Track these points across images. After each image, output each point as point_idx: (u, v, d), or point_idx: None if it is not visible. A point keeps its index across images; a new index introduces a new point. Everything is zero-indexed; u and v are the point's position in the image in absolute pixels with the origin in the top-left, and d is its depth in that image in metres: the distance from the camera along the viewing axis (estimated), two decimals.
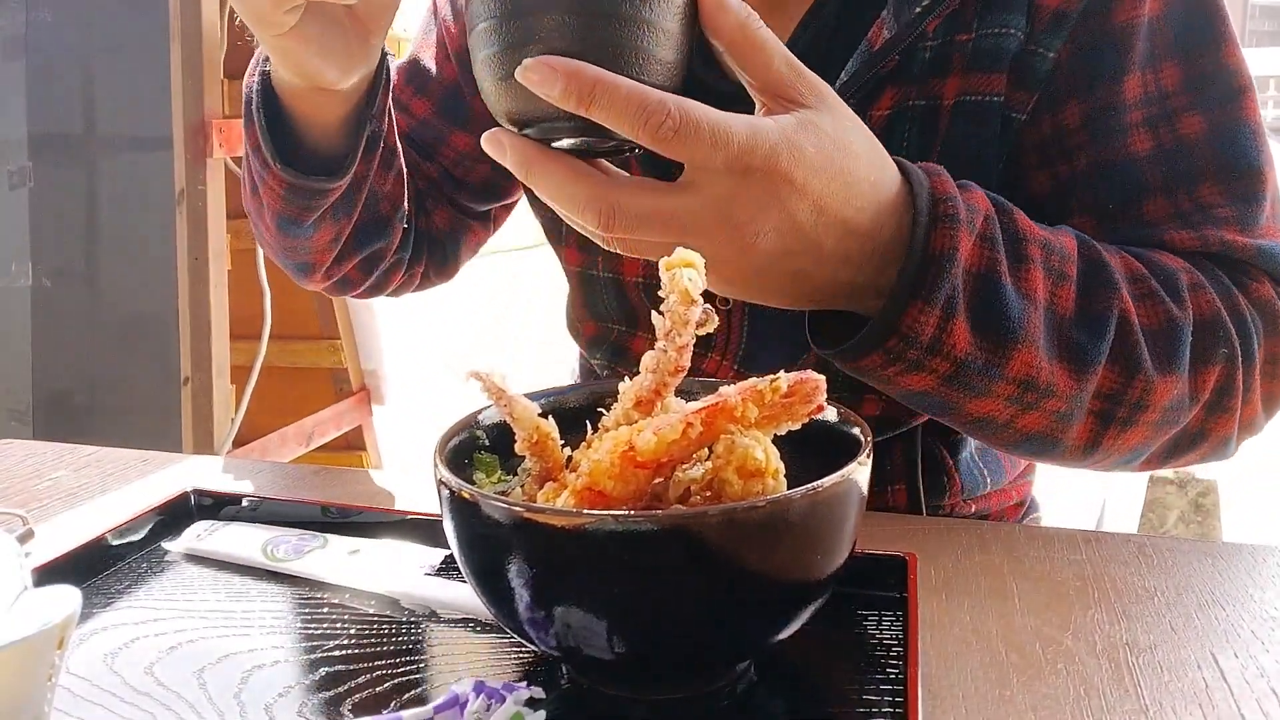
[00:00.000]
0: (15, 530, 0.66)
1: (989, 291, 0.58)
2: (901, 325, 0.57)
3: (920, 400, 0.62)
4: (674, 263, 0.45)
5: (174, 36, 2.06)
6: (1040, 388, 0.60)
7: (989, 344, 0.59)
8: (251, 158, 0.76)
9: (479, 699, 0.43)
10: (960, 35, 0.69)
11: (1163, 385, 0.63)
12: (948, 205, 0.57)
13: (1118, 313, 0.62)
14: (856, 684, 0.48)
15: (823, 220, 0.54)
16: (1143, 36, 0.68)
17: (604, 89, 0.49)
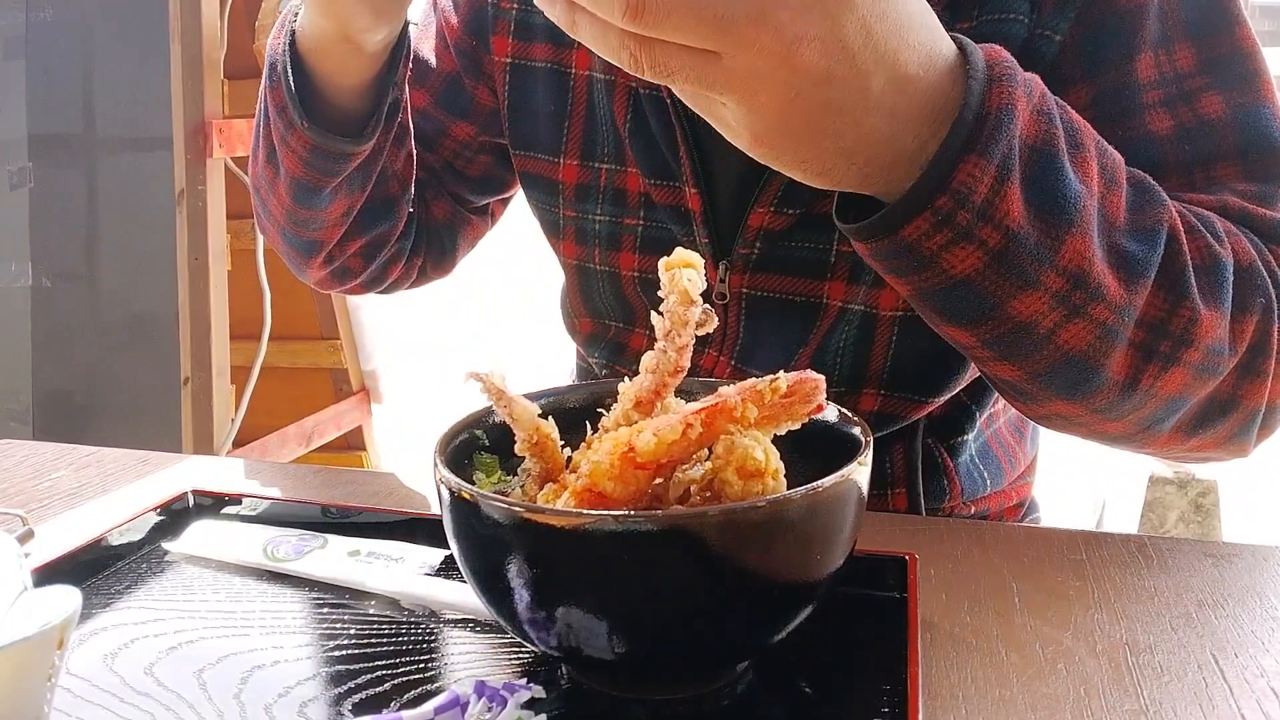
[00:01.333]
0: (15, 530, 0.66)
1: (1045, 165, 0.54)
2: (954, 181, 0.52)
3: (957, 295, 0.56)
4: (673, 263, 0.45)
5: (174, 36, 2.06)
6: (1090, 286, 0.56)
7: (1043, 222, 0.54)
8: (275, 120, 0.77)
9: (480, 701, 0.43)
10: (961, 24, 0.69)
11: (1207, 318, 0.59)
12: (1005, 67, 0.53)
13: (1167, 228, 0.59)
14: (856, 684, 0.48)
15: (871, 45, 0.49)
16: (1152, 17, 0.68)
17: None
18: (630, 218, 0.80)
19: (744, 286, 0.77)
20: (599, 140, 0.81)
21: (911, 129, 0.52)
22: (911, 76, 0.51)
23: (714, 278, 0.77)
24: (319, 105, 0.76)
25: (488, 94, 0.88)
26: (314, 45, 0.73)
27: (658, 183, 0.78)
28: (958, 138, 0.52)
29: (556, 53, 0.83)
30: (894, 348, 0.76)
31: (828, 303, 0.76)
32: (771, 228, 0.74)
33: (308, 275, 0.89)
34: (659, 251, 0.52)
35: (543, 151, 0.84)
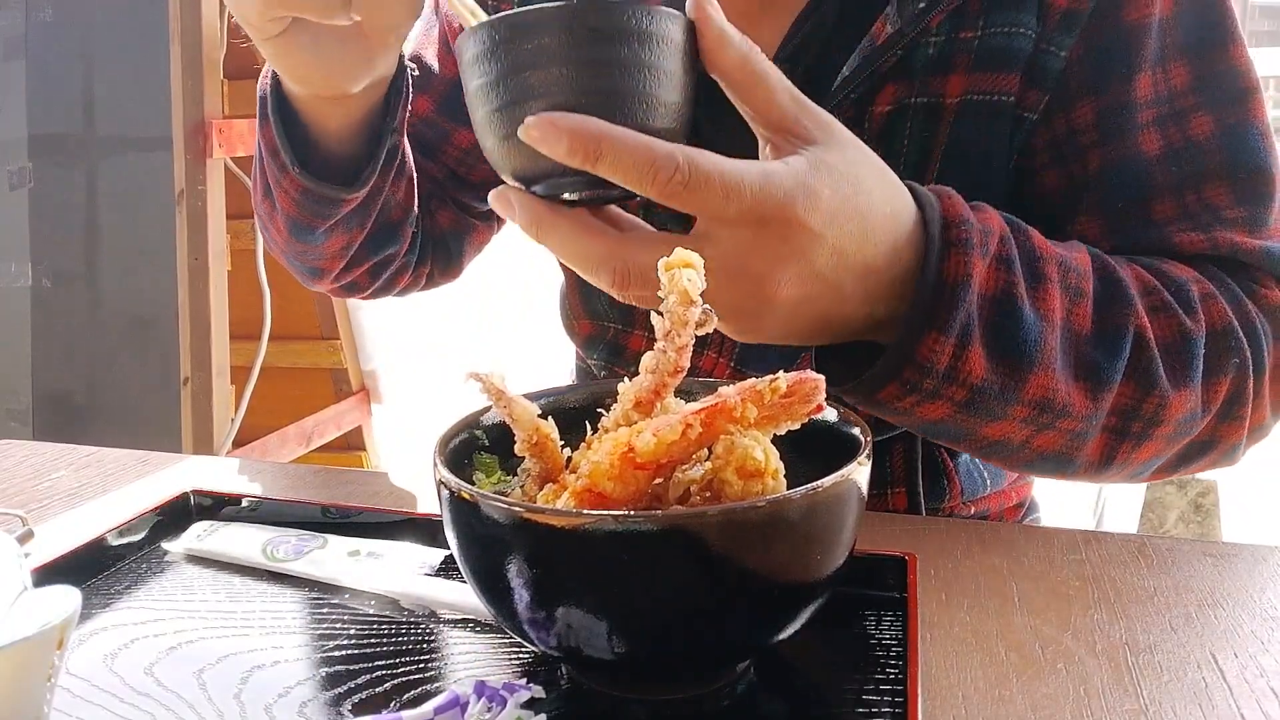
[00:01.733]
0: (15, 530, 0.66)
1: (1005, 315, 0.58)
2: (917, 355, 0.57)
3: (935, 428, 0.62)
4: (673, 263, 0.45)
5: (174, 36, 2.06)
6: (1057, 408, 0.60)
7: (1005, 368, 0.58)
8: (267, 160, 0.74)
9: (480, 702, 0.43)
10: (965, 32, 0.69)
11: (1177, 400, 0.62)
12: (960, 230, 0.57)
13: (1133, 329, 0.61)
14: (856, 684, 0.48)
15: (842, 263, 0.53)
16: (1153, 35, 0.68)
17: (610, 145, 0.48)
18: None
19: None
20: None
21: (883, 303, 0.57)
22: (881, 267, 0.55)
23: None
24: (311, 146, 0.73)
25: None
26: (292, 94, 0.70)
27: None
28: (918, 314, 0.56)
29: None
30: None
31: None
32: None
33: (317, 289, 0.90)
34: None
35: None
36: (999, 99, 0.70)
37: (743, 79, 0.52)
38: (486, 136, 0.54)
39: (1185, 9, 0.69)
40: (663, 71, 0.51)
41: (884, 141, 0.72)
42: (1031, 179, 0.73)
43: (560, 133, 0.48)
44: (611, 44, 0.50)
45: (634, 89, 0.50)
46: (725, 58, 0.52)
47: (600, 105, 0.50)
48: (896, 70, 0.70)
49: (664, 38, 0.51)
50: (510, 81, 0.51)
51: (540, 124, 0.49)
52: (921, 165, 0.72)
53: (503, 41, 0.51)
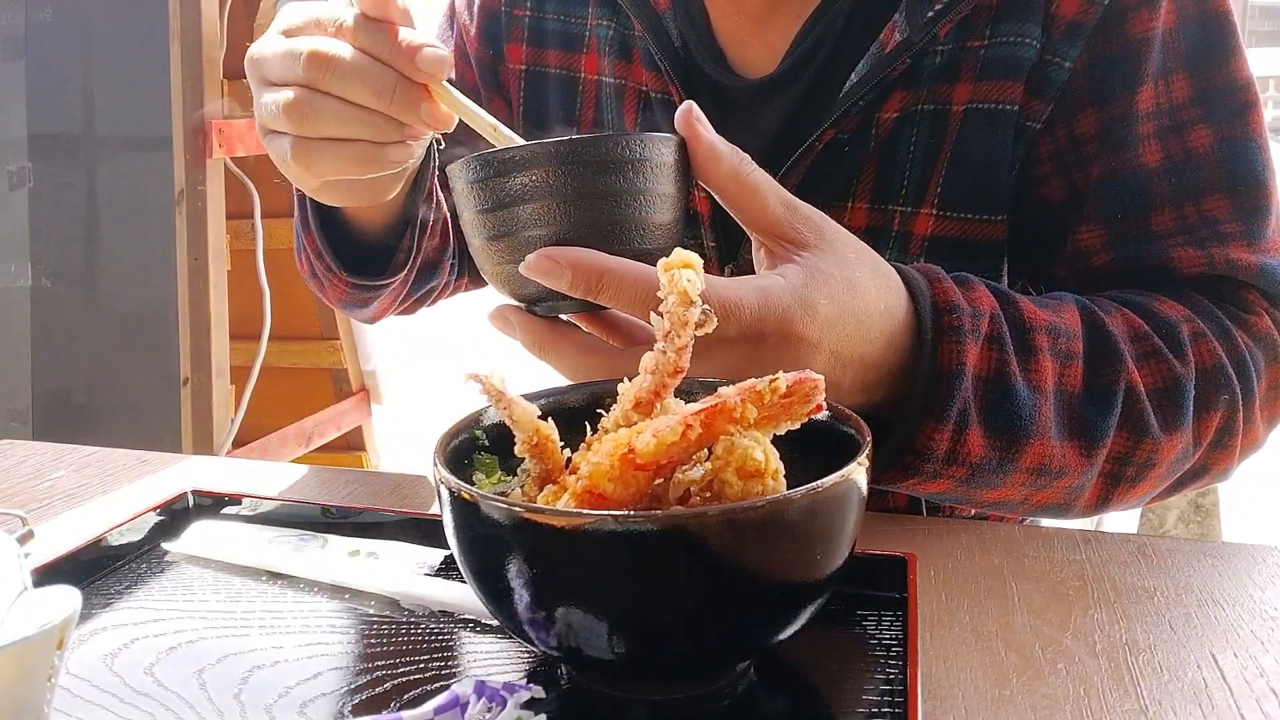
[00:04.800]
0: (15, 530, 0.66)
1: (1000, 394, 0.59)
2: (916, 443, 0.59)
3: (937, 497, 0.65)
4: (673, 264, 0.45)
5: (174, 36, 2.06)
6: (1053, 471, 0.62)
7: (1002, 443, 0.60)
8: (313, 260, 0.78)
9: (479, 701, 0.43)
10: (972, 41, 0.69)
11: (1168, 443, 0.64)
12: (951, 317, 0.58)
13: (1124, 384, 0.63)
14: (856, 684, 0.48)
15: (839, 363, 0.55)
16: (1157, 48, 0.69)
17: (610, 278, 0.50)
18: None
19: None
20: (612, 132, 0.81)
21: (880, 393, 0.59)
22: (876, 362, 0.57)
23: None
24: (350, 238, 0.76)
25: (503, 105, 0.88)
26: None
27: None
28: (915, 405, 0.58)
29: (567, 59, 0.83)
30: None
31: None
32: None
33: None
34: None
35: None
36: (1002, 108, 0.70)
37: (736, 190, 0.54)
38: (484, 262, 0.55)
39: (1188, 22, 0.69)
40: (656, 195, 0.53)
41: (890, 147, 0.73)
42: (1034, 188, 0.73)
43: (562, 269, 0.50)
44: (605, 175, 0.51)
45: (629, 216, 0.52)
46: (717, 172, 0.54)
47: (596, 235, 0.51)
48: (904, 78, 0.70)
49: (656, 163, 0.52)
50: (505, 214, 0.52)
51: (541, 260, 0.51)
52: (926, 171, 0.72)
53: (495, 175, 0.52)
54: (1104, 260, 0.71)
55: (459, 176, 0.54)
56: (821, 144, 0.72)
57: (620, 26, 0.80)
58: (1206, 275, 0.69)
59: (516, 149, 0.52)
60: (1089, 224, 0.71)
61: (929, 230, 0.73)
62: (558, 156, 0.51)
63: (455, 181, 0.55)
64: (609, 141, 0.52)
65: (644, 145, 0.52)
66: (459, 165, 0.54)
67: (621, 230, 0.52)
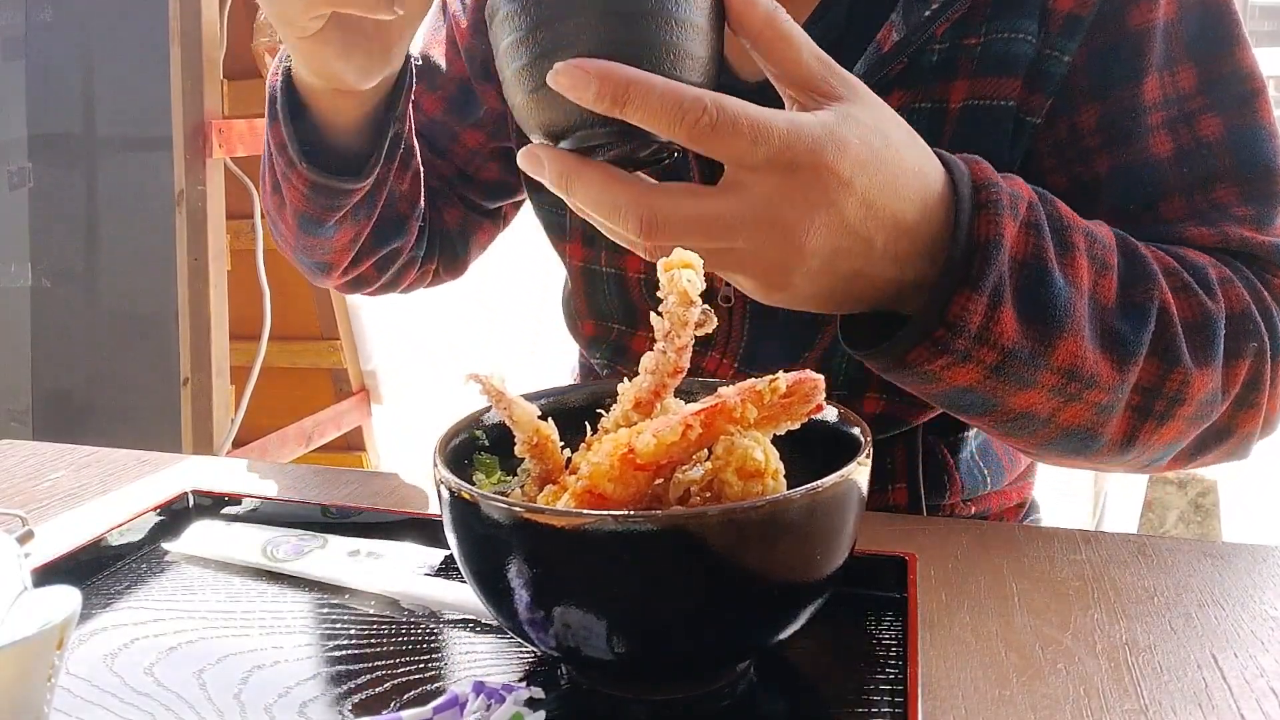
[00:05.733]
0: (15, 530, 0.66)
1: (1036, 279, 0.57)
2: (949, 314, 0.56)
3: (962, 398, 0.61)
4: (673, 263, 0.45)
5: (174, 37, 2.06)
6: (1084, 377, 0.59)
7: (1036, 332, 0.57)
8: (275, 156, 0.76)
9: (479, 699, 0.43)
10: (968, 39, 0.69)
11: (1199, 378, 0.62)
12: (990, 192, 0.56)
13: (1157, 304, 0.61)
14: (856, 684, 0.48)
15: (872, 216, 0.52)
16: (1158, 39, 0.69)
17: (638, 89, 0.48)
18: None
19: None
20: None
21: (912, 266, 0.56)
22: (910, 225, 0.55)
23: (719, 281, 0.77)
24: (318, 138, 0.75)
25: (495, 98, 0.88)
26: (306, 89, 0.73)
27: None
28: (950, 273, 0.56)
29: None
30: None
31: None
32: None
33: (324, 284, 0.91)
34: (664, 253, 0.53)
35: None
36: (1000, 104, 0.70)
37: (770, 37, 0.52)
38: (515, 93, 0.53)
39: (1190, 13, 0.69)
40: (691, 25, 0.51)
41: None
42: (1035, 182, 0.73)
43: (589, 77, 0.48)
44: None
45: (662, 40, 0.50)
46: (752, 16, 0.52)
47: (629, 56, 0.50)
48: (902, 77, 0.70)
49: None
50: (539, 35, 0.51)
51: (568, 69, 0.49)
52: None
53: None
54: None
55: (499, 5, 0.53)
56: None
57: None
58: (1222, 249, 0.68)
59: None
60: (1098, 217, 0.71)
61: None
62: None
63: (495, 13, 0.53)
64: None
65: None
66: None
67: (653, 54, 0.50)
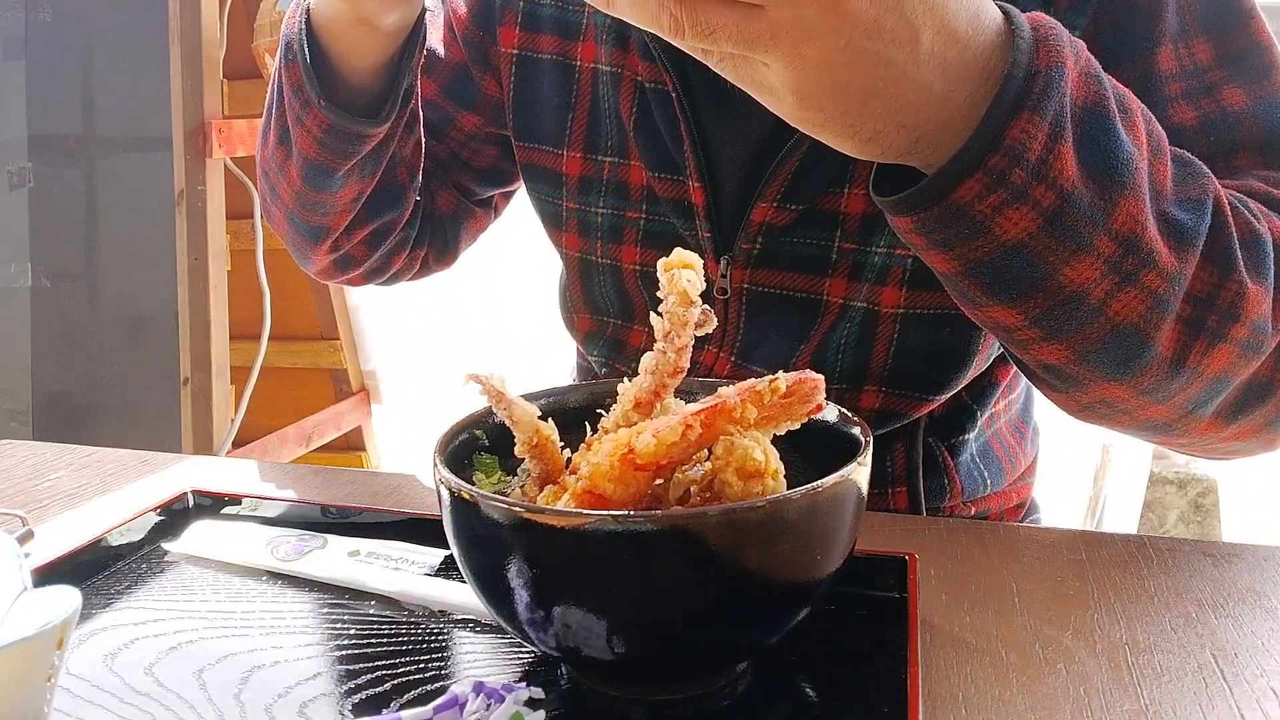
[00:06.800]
0: (15, 530, 0.66)
1: (1097, 125, 0.53)
2: (1008, 138, 0.51)
3: (1009, 262, 0.54)
4: (672, 264, 0.45)
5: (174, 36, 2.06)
6: (1143, 252, 0.55)
7: (1096, 182, 0.53)
8: (290, 99, 0.77)
9: (478, 699, 0.43)
10: None
11: (1254, 293, 0.59)
12: (1050, 29, 0.53)
13: (1213, 200, 0.58)
14: (856, 684, 0.48)
15: (921, 2, 0.48)
16: (1171, 10, 0.69)
17: None
18: (633, 211, 0.81)
19: (745, 282, 0.77)
20: (603, 133, 0.81)
21: (963, 87, 0.51)
22: (960, 33, 0.50)
23: (715, 273, 0.77)
24: (333, 86, 0.76)
25: (494, 85, 0.88)
26: (328, 26, 0.74)
27: (661, 176, 0.78)
28: (1009, 94, 0.50)
29: (563, 45, 0.83)
30: (895, 345, 0.76)
31: (829, 300, 0.76)
32: (774, 223, 0.74)
33: (311, 263, 0.90)
34: (661, 245, 0.53)
35: (546, 143, 0.84)
36: None
37: None
38: None
39: None
40: None
41: None
42: None
43: None
44: None
45: None
46: None
47: None
48: None
49: None
50: None
51: None
52: None
53: None
54: None
55: None
56: None
57: None
58: None
59: None
60: None
61: None
62: None
63: None
64: None
65: None
66: None
67: None
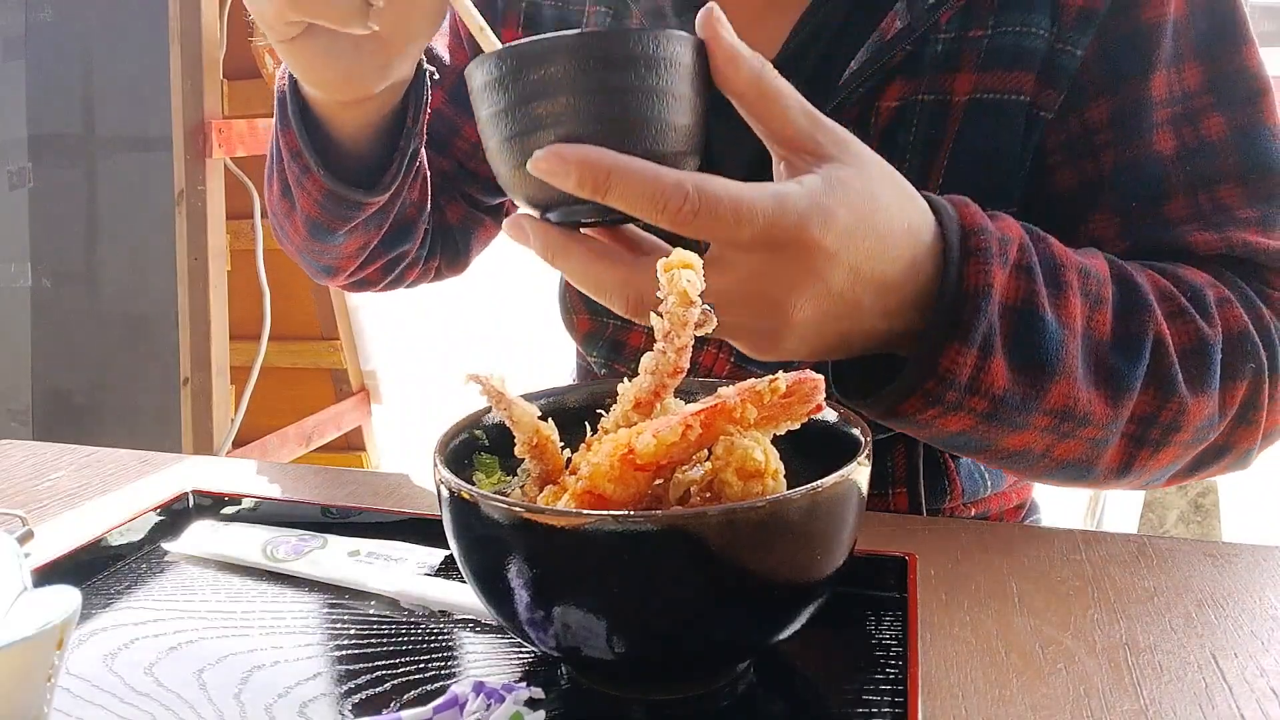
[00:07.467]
0: (15, 530, 0.66)
1: (1027, 324, 0.57)
2: (939, 367, 0.56)
3: (955, 440, 0.62)
4: (672, 264, 0.45)
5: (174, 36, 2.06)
6: (1078, 416, 0.59)
7: (1027, 378, 0.58)
8: (288, 161, 0.74)
9: (478, 699, 0.43)
10: (974, 30, 0.69)
11: (1195, 406, 0.62)
12: (979, 239, 0.56)
13: (1153, 335, 0.61)
14: (856, 684, 0.48)
15: (859, 281, 0.53)
16: (1168, 35, 0.69)
17: (619, 176, 0.48)
18: None
19: None
20: None
21: (902, 317, 0.56)
22: (899, 283, 0.55)
23: None
24: (330, 147, 0.73)
25: None
26: (307, 94, 0.69)
27: None
28: (939, 325, 0.56)
29: None
30: None
31: None
32: None
33: (327, 284, 0.90)
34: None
35: None
36: (1010, 98, 0.70)
37: (756, 97, 0.52)
38: (499, 164, 0.53)
39: (1198, 10, 0.69)
40: (672, 95, 0.50)
41: (889, 137, 0.72)
42: (1044, 178, 0.73)
43: (568, 165, 0.48)
44: (620, 71, 0.49)
45: (644, 115, 0.50)
46: (737, 77, 0.51)
47: (610, 133, 0.49)
48: (904, 66, 0.70)
49: (673, 61, 0.50)
50: (519, 111, 0.50)
51: (548, 157, 0.49)
52: (928, 163, 0.72)
53: (511, 71, 0.50)
54: (1119, 249, 0.71)
55: (475, 75, 0.52)
56: None
57: (619, 14, 0.80)
58: (1224, 258, 0.68)
59: (532, 42, 0.50)
60: (1102, 213, 0.71)
61: None
62: (572, 50, 0.49)
63: (472, 81, 0.53)
64: (624, 36, 0.50)
65: (660, 42, 0.50)
66: (475, 63, 0.52)
67: (636, 129, 0.50)
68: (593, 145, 0.49)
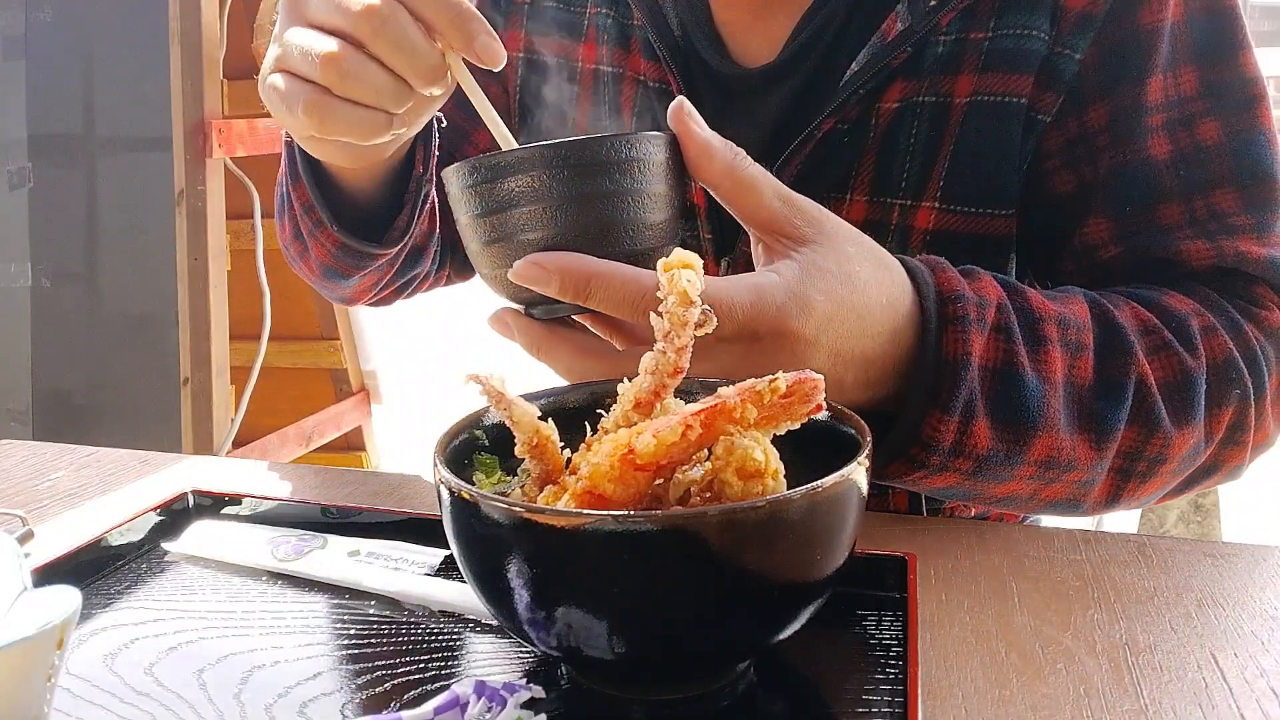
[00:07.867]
0: (15, 530, 0.66)
1: (1008, 385, 0.58)
2: (921, 435, 0.58)
3: (943, 493, 0.63)
4: (672, 264, 0.45)
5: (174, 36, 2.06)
6: (1062, 464, 0.61)
7: (1010, 436, 0.59)
8: (300, 213, 0.74)
9: (479, 701, 0.43)
10: (974, 33, 0.69)
11: (1180, 438, 0.63)
12: (956, 306, 0.57)
13: (1135, 377, 0.62)
14: (856, 684, 0.48)
15: (840, 361, 0.54)
16: (1166, 40, 0.69)
17: (599, 282, 0.49)
18: None
19: None
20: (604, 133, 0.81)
21: (884, 387, 0.58)
22: (879, 357, 0.56)
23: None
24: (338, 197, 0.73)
25: (500, 92, 0.88)
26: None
27: None
28: (921, 395, 0.57)
29: (565, 46, 0.83)
30: None
31: None
32: None
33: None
34: None
35: None
36: (1009, 101, 0.70)
37: (731, 186, 0.53)
38: (481, 266, 0.55)
39: (1196, 15, 0.69)
40: (648, 195, 0.52)
41: (890, 139, 0.73)
42: (1042, 181, 0.73)
43: (550, 274, 0.50)
44: (594, 178, 0.51)
45: (621, 219, 0.51)
46: (711, 169, 0.53)
47: (589, 238, 0.51)
48: (906, 68, 0.70)
49: (647, 162, 0.52)
50: (498, 218, 0.52)
51: (529, 266, 0.50)
52: (928, 164, 0.72)
53: (486, 181, 0.52)
54: (1112, 254, 0.71)
55: (453, 181, 0.54)
56: (820, 134, 0.72)
57: (620, 15, 0.80)
58: (1216, 268, 0.69)
59: (505, 154, 0.52)
60: (1097, 217, 0.71)
61: (931, 224, 0.73)
62: (546, 160, 0.51)
63: (450, 186, 0.55)
64: (597, 144, 0.51)
65: (633, 145, 0.52)
66: (453, 170, 0.54)
67: (615, 232, 0.52)
68: (572, 252, 0.51)
